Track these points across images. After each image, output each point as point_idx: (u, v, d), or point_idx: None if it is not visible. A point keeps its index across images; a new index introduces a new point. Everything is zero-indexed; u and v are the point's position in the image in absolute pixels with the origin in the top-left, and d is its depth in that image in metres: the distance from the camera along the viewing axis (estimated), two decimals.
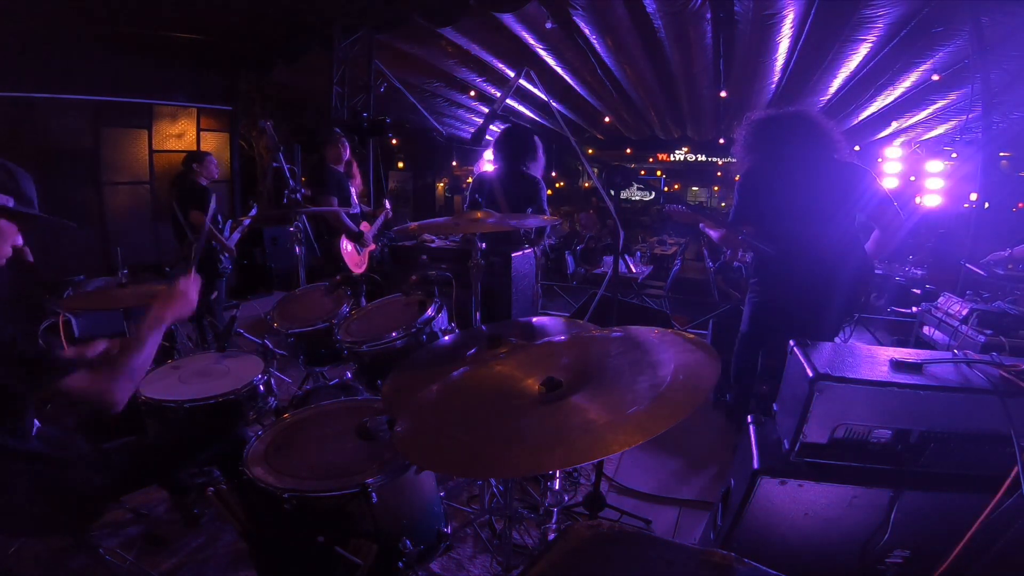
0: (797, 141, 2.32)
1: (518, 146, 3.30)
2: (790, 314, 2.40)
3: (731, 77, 6.82)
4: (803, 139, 2.32)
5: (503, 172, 3.33)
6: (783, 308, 2.45)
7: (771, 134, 2.38)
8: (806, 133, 2.33)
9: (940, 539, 1.38)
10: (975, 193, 4.94)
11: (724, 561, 0.79)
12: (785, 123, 2.37)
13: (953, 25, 4.61)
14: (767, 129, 2.40)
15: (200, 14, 5.60)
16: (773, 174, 2.34)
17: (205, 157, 4.25)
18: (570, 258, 9.11)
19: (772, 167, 2.35)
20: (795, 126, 2.34)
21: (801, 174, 2.29)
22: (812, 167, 2.30)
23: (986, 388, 1.38)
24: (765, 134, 2.40)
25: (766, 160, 2.38)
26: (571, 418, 1.05)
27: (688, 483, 2.60)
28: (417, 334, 2.07)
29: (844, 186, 2.31)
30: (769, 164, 2.37)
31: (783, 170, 2.32)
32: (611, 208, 2.05)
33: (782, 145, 2.34)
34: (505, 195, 3.22)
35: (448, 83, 7.82)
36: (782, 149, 2.34)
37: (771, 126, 2.39)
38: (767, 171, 2.37)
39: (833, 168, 2.33)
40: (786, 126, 2.36)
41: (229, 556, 1.97)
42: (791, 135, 2.34)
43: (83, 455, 1.46)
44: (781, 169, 2.33)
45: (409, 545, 1.39)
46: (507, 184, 3.26)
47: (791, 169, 2.31)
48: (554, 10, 5.17)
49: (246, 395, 1.97)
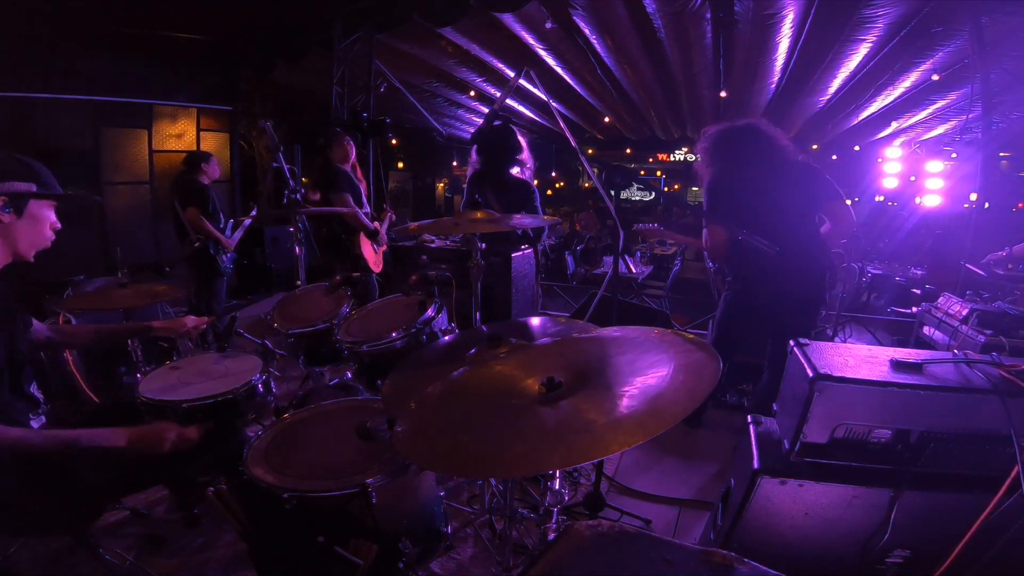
0: (751, 150, 2.51)
1: (500, 148, 3.29)
2: (767, 309, 2.57)
3: (731, 77, 6.81)
4: (755, 148, 2.51)
5: (492, 177, 3.32)
6: (761, 304, 2.59)
7: (727, 147, 2.57)
8: (757, 143, 2.52)
9: (940, 539, 1.38)
10: (975, 193, 4.93)
11: (724, 561, 0.79)
12: (737, 136, 2.57)
13: (953, 25, 4.61)
14: (723, 143, 2.60)
15: (200, 14, 5.60)
16: (735, 183, 2.52)
17: (211, 157, 4.27)
18: (570, 258, 9.11)
19: (733, 175, 2.54)
20: (747, 138, 2.54)
21: (761, 179, 2.46)
22: (769, 171, 2.48)
23: (986, 388, 1.38)
24: (722, 147, 2.59)
25: (726, 169, 2.57)
26: (571, 418, 1.04)
27: (688, 483, 2.60)
28: (417, 334, 2.07)
29: (803, 185, 2.49)
30: (729, 173, 2.55)
31: (744, 177, 2.49)
32: (611, 208, 2.05)
33: (738, 155, 2.53)
34: (498, 201, 3.24)
35: (448, 83, 7.82)
36: (739, 159, 2.53)
37: (726, 139, 2.59)
38: (729, 179, 2.55)
39: (789, 169, 2.51)
40: (738, 139, 2.56)
41: (229, 556, 1.97)
42: (745, 146, 2.53)
43: (84, 453, 1.46)
44: (741, 177, 2.50)
45: (409, 545, 1.39)
46: (498, 189, 3.27)
47: (751, 176, 2.48)
48: (554, 10, 5.17)
49: (245, 395, 1.96)
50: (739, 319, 2.72)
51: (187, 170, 4.16)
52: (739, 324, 2.74)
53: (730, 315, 2.73)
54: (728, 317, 2.75)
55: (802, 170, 2.51)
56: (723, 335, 2.78)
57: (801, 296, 2.51)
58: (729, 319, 2.74)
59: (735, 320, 2.73)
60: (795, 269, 2.42)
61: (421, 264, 3.79)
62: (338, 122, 6.12)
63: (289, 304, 2.73)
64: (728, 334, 2.76)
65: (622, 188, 2.55)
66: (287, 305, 2.71)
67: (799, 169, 2.51)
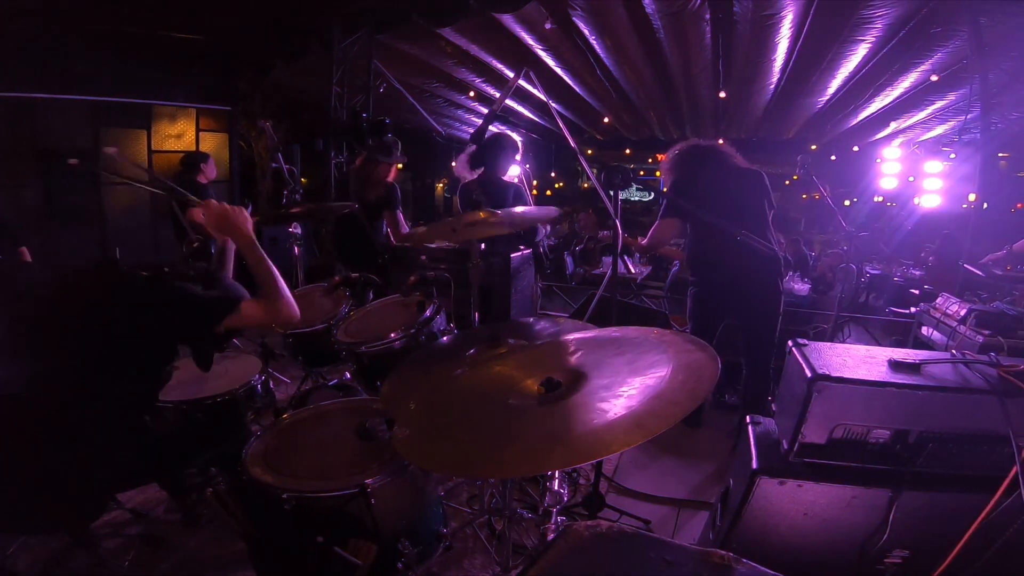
0: (709, 159, 2.91)
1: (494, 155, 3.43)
2: (731, 297, 2.82)
3: (730, 77, 6.81)
4: (712, 157, 2.92)
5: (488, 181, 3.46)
6: (723, 287, 2.84)
7: (686, 159, 2.96)
8: (714, 153, 2.94)
9: (939, 539, 1.38)
10: (974, 193, 4.94)
11: (723, 561, 0.79)
12: (697, 151, 2.96)
13: (952, 25, 4.61)
14: (683, 157, 2.97)
15: (200, 14, 5.60)
16: (693, 186, 2.85)
17: (209, 157, 4.27)
18: (569, 258, 9.11)
19: (691, 181, 2.88)
20: (706, 150, 2.96)
21: (719, 179, 2.82)
22: (724, 174, 2.85)
23: (984, 388, 1.38)
24: (682, 160, 2.97)
25: (686, 176, 2.93)
26: (570, 418, 1.05)
27: (687, 483, 2.60)
28: (416, 335, 2.07)
29: (754, 186, 2.86)
30: (689, 179, 2.91)
31: (701, 182, 2.83)
32: (611, 209, 2.05)
33: (697, 167, 2.89)
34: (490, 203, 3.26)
35: (447, 83, 7.82)
36: (697, 170, 2.88)
37: (686, 155, 2.97)
38: (688, 184, 2.90)
39: (742, 174, 2.90)
40: (696, 153, 2.95)
41: (229, 556, 1.97)
42: (704, 156, 2.92)
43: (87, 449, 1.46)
44: (699, 181, 2.83)
45: (408, 545, 1.39)
46: (491, 192, 3.39)
47: (709, 177, 2.82)
48: (554, 10, 5.17)
49: (244, 395, 1.97)
50: (710, 311, 2.93)
51: (185, 170, 4.16)
52: (711, 316, 2.91)
53: (701, 310, 2.96)
54: (700, 312, 2.97)
55: (753, 174, 2.91)
56: (698, 330, 2.91)
57: (759, 281, 2.76)
58: (701, 313, 2.96)
59: (707, 313, 2.94)
60: (745, 254, 2.62)
61: (420, 265, 3.80)
62: (337, 122, 6.12)
63: None
64: (704, 329, 2.88)
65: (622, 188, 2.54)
66: None
67: (750, 173, 2.92)
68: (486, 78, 7.37)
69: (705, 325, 2.91)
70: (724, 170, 2.87)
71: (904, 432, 1.42)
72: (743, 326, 2.88)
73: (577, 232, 10.59)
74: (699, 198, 2.74)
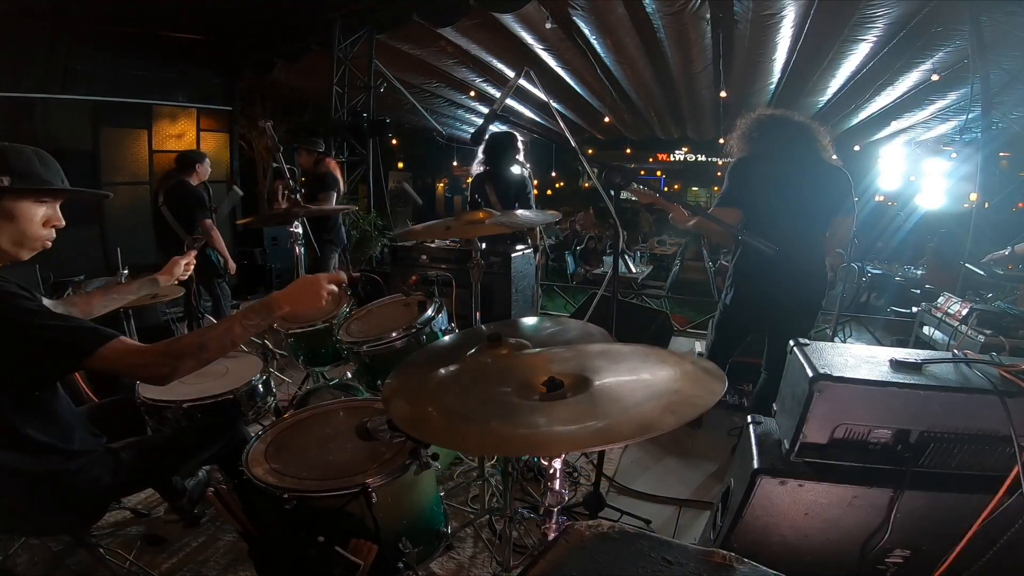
0: (793, 144, 2.43)
1: (502, 150, 3.76)
2: (768, 309, 2.52)
3: (731, 77, 6.82)
4: (798, 143, 2.44)
5: (492, 172, 3.78)
6: (761, 303, 2.53)
7: (772, 132, 2.47)
8: (803, 138, 2.45)
9: (940, 539, 1.38)
10: (975, 193, 4.93)
11: (724, 561, 0.79)
12: (789, 125, 2.48)
13: (952, 25, 4.62)
14: (770, 127, 2.49)
15: (200, 14, 5.60)
16: (765, 168, 2.43)
17: (205, 157, 4.24)
18: (570, 258, 9.12)
19: (766, 161, 2.44)
20: (796, 131, 2.46)
21: (792, 172, 2.39)
22: (802, 168, 2.40)
23: (986, 388, 1.38)
24: (766, 130, 2.49)
25: (762, 153, 2.48)
26: (571, 418, 1.04)
27: (688, 483, 2.60)
28: (417, 334, 2.07)
29: (829, 189, 2.42)
30: (763, 157, 2.46)
31: (775, 166, 2.41)
32: (611, 209, 2.05)
33: (779, 144, 2.44)
34: (496, 192, 3.72)
35: (448, 83, 7.83)
36: (778, 148, 2.44)
37: (774, 125, 2.49)
38: (760, 163, 2.46)
39: (823, 171, 2.44)
40: (787, 128, 2.47)
41: (229, 556, 1.97)
42: (789, 137, 2.45)
43: (92, 454, 1.46)
44: (773, 165, 2.41)
45: (409, 545, 1.39)
46: (496, 182, 3.75)
47: (783, 166, 2.40)
48: (554, 10, 5.17)
49: (244, 395, 1.97)
50: (737, 322, 2.67)
51: (179, 169, 4.08)
52: (737, 327, 2.69)
53: (729, 317, 2.68)
54: (727, 319, 2.69)
55: (833, 174, 2.44)
56: (721, 338, 2.74)
57: (800, 298, 2.46)
58: (728, 321, 2.69)
59: (734, 323, 2.68)
60: (795, 271, 2.36)
61: (421, 264, 3.80)
62: (338, 122, 6.13)
63: None
64: (727, 337, 2.72)
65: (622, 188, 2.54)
66: None
67: (831, 172, 2.44)
68: (486, 78, 7.38)
69: (732, 340, 2.72)
70: (801, 160, 2.41)
71: (905, 432, 1.42)
72: (770, 337, 2.60)
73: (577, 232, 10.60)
74: (757, 187, 2.40)
